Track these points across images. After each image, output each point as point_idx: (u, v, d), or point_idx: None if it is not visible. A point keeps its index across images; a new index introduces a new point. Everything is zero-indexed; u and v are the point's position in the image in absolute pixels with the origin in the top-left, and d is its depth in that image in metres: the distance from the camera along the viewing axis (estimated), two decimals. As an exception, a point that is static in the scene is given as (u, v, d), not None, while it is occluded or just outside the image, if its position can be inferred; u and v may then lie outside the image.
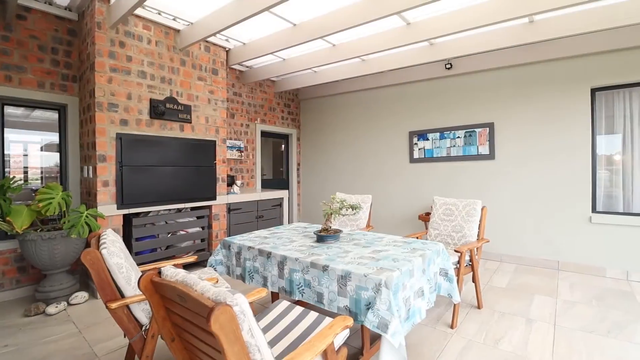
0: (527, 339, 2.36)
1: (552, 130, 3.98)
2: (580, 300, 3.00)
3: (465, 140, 4.59)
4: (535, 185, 4.09)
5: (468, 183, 4.57)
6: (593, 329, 2.49)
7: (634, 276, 3.50)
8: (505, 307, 2.88)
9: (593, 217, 3.71)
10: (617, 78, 3.65)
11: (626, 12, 3.04)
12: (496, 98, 4.38)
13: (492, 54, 4.26)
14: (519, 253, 4.18)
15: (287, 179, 6.52)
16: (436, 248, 2.28)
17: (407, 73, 5.04)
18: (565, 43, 3.80)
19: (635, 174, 3.67)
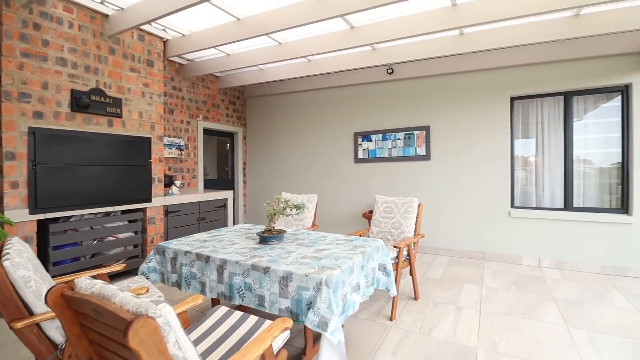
0: (456, 325, 2.57)
1: (479, 134, 4.40)
2: (501, 287, 3.36)
3: (404, 142, 4.86)
4: (465, 184, 4.48)
5: (407, 182, 4.86)
6: (511, 311, 2.80)
7: (545, 263, 4.02)
8: (439, 297, 3.11)
9: (512, 212, 4.19)
10: (532, 89, 4.15)
11: (538, 31, 3.48)
12: (432, 103, 4.71)
13: (429, 62, 4.57)
14: (451, 246, 4.55)
15: (233, 179, 6.31)
16: (376, 245, 2.37)
17: (353, 75, 5.18)
18: (490, 55, 4.22)
19: (545, 173, 4.22)
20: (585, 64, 3.87)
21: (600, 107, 4.00)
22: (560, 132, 4.10)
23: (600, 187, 3.95)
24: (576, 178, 4.03)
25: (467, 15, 3.16)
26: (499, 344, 2.30)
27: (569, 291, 3.23)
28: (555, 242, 3.97)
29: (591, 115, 4.06)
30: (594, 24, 3.27)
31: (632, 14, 3.12)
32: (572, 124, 4.03)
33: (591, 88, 3.90)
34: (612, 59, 3.75)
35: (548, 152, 4.20)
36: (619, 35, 3.55)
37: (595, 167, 4.01)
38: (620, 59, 3.72)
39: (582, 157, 4.07)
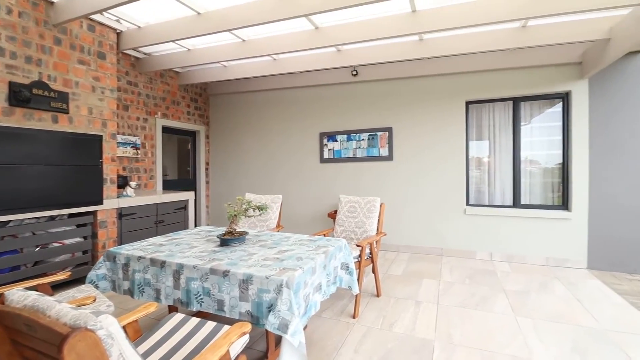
0: (415, 319, 2.67)
1: (437, 135, 4.60)
2: (457, 281, 3.54)
3: (368, 143, 4.97)
4: (424, 183, 4.67)
5: (371, 181, 4.97)
6: (466, 304, 2.96)
7: (496, 257, 4.30)
8: (400, 292, 3.22)
9: (467, 210, 4.44)
10: (485, 94, 4.42)
11: (490, 40, 3.71)
12: (394, 105, 4.86)
13: (391, 65, 4.71)
14: (413, 243, 4.72)
15: (195, 180, 6.08)
16: (339, 244, 2.39)
17: (319, 76, 5.21)
18: (448, 61, 4.43)
19: (496, 173, 4.51)
20: (532, 72, 4.18)
21: (545, 112, 4.35)
22: (510, 134, 4.40)
23: (545, 185, 4.30)
24: (524, 177, 4.35)
25: (425, 22, 3.29)
26: (454, 335, 2.42)
27: (517, 283, 3.48)
28: (505, 237, 4.27)
29: (537, 120, 4.40)
30: (538, 35, 3.54)
31: (571, 28, 3.42)
32: (520, 127, 4.34)
33: (536, 94, 4.23)
34: (554, 68, 4.10)
35: (499, 153, 4.50)
36: (560, 47, 3.89)
37: (541, 167, 4.35)
38: (562, 68, 4.07)
39: (529, 158, 4.40)
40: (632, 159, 3.75)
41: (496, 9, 3.03)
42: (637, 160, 3.74)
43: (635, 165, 3.74)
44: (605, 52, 3.43)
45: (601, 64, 3.54)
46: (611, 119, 3.84)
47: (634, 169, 3.75)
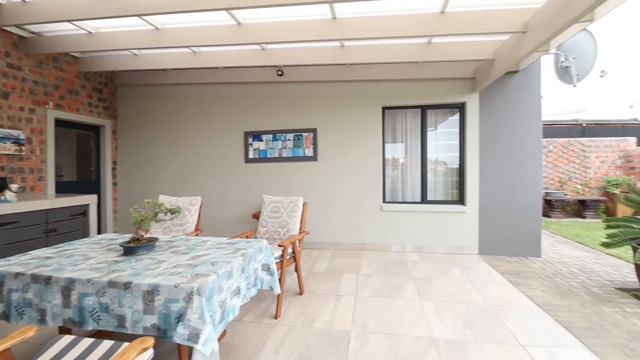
0: (335, 313, 2.79)
1: (358, 138, 4.89)
2: (374, 273, 3.82)
3: (294, 143, 5.03)
4: (346, 182, 4.92)
5: (297, 182, 5.03)
6: (380, 293, 3.21)
7: (408, 248, 4.76)
8: (322, 289, 3.33)
9: (383, 206, 4.81)
10: (398, 101, 4.83)
11: (402, 52, 4.07)
12: (319, 107, 5.00)
13: (316, 68, 4.83)
14: (336, 240, 4.94)
15: (98, 181, 5.37)
16: (259, 245, 2.37)
17: (244, 73, 5.07)
18: (367, 69, 4.73)
19: (409, 173, 4.98)
20: (436, 84, 4.72)
21: (448, 119, 4.95)
22: (418, 138, 4.90)
23: (446, 184, 4.91)
24: (430, 176, 4.90)
25: (345, 29, 3.47)
26: (369, 324, 2.61)
27: (424, 270, 3.91)
28: (415, 230, 4.75)
29: (442, 126, 4.99)
30: (440, 52, 4.02)
31: (466, 48, 3.96)
32: (427, 132, 4.87)
33: (440, 104, 4.80)
34: (453, 81, 4.69)
35: (410, 155, 4.98)
36: (458, 63, 4.47)
37: (444, 168, 4.95)
38: (459, 82, 4.68)
39: (434, 159, 4.97)
40: (509, 161, 4.52)
41: (406, 24, 3.35)
42: (513, 163, 4.51)
43: (511, 167, 4.52)
44: (491, 70, 4.06)
45: (488, 80, 4.17)
46: (495, 127, 4.57)
47: (510, 170, 4.52)
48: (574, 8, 2.44)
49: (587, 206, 7.81)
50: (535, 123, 4.50)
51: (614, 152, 8.26)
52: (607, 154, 8.28)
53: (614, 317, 2.73)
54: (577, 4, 2.41)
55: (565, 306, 2.95)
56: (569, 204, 8.09)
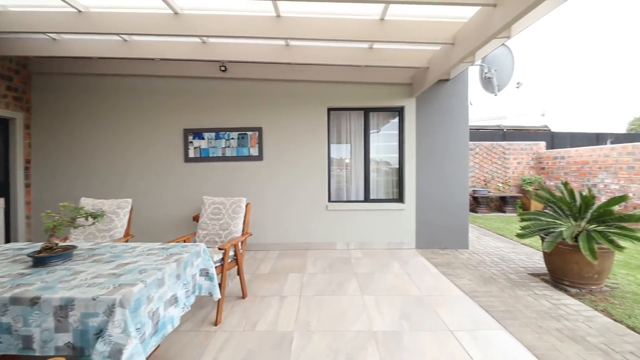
0: (278, 314, 2.77)
1: (303, 138, 4.91)
2: (319, 271, 3.87)
3: (238, 142, 4.87)
4: (293, 182, 4.91)
5: (241, 182, 4.89)
6: (324, 291, 3.26)
7: (352, 245, 4.91)
8: (266, 290, 3.28)
9: (329, 206, 4.90)
10: (342, 103, 4.96)
11: (345, 55, 4.18)
12: (264, 106, 4.91)
13: (262, 66, 4.74)
14: (282, 240, 4.90)
15: (7, 182, 4.64)
16: (196, 249, 2.25)
17: (184, 67, 4.78)
18: (312, 69, 4.76)
19: (353, 173, 5.13)
20: (378, 88, 4.94)
21: (389, 122, 5.21)
22: (362, 139, 5.08)
23: (387, 183, 5.17)
24: (373, 176, 5.11)
25: (289, 28, 3.45)
26: (312, 322, 2.63)
27: (366, 266, 4.07)
28: (359, 227, 4.92)
29: (384, 128, 5.23)
30: (381, 57, 4.21)
31: (404, 55, 4.20)
32: (369, 133, 5.08)
33: (381, 107, 5.03)
34: (393, 86, 4.95)
35: (354, 156, 5.15)
36: (397, 69, 4.72)
37: (385, 168, 5.20)
38: (398, 87, 4.95)
39: (377, 160, 5.20)
40: (442, 162, 4.91)
41: (349, 28, 3.44)
42: (445, 163, 4.91)
43: (443, 167, 4.91)
44: (425, 77, 4.36)
45: (423, 87, 4.48)
46: (429, 131, 4.92)
47: (442, 170, 4.91)
48: (493, 25, 2.73)
49: (507, 202, 8.82)
50: (464, 127, 4.94)
51: (528, 154, 9.45)
52: (523, 156, 9.44)
53: (527, 300, 3.12)
54: (495, 21, 2.69)
55: (487, 292, 3.29)
56: (492, 200, 9.06)
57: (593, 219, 3.36)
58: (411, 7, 3.24)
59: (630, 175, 6.70)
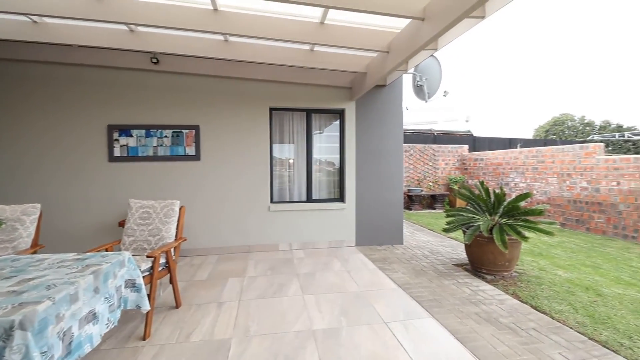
0: (216, 322, 2.65)
1: (245, 137, 4.78)
2: (260, 274, 3.81)
3: (173, 140, 4.56)
4: (233, 183, 4.75)
5: (176, 183, 4.58)
6: (265, 294, 3.21)
7: (294, 246, 4.92)
8: (203, 298, 3.12)
9: (271, 207, 4.85)
10: (285, 103, 4.93)
11: (287, 55, 4.16)
12: (202, 103, 4.66)
13: (199, 60, 4.48)
14: (221, 244, 4.71)
15: None
16: (119, 259, 2.05)
17: (109, 56, 4.30)
18: (254, 68, 4.65)
19: (296, 173, 5.15)
20: (320, 90, 5.02)
21: (332, 123, 5.33)
22: (305, 140, 5.13)
23: (329, 183, 5.29)
24: (315, 177, 5.18)
25: (227, 23, 3.33)
26: (252, 327, 2.57)
27: (308, 266, 4.11)
28: (301, 228, 4.95)
29: (327, 129, 5.34)
30: (322, 60, 4.28)
31: (344, 60, 4.31)
32: (312, 134, 5.14)
33: (323, 109, 5.12)
34: (334, 89, 5.07)
35: (297, 156, 5.17)
36: (339, 73, 4.84)
37: (327, 168, 5.32)
38: (339, 90, 5.10)
39: (320, 160, 5.28)
40: (379, 162, 5.18)
41: (289, 29, 3.44)
42: (382, 164, 5.19)
43: (381, 168, 5.19)
44: (364, 82, 4.55)
45: (362, 91, 4.67)
46: (368, 133, 5.16)
47: (380, 170, 5.19)
48: (421, 37, 2.95)
49: (437, 200, 9.65)
50: (399, 131, 5.28)
51: (454, 156, 10.45)
52: (450, 158, 10.41)
53: (451, 288, 3.44)
54: (423, 33, 2.91)
55: (418, 283, 3.55)
56: (424, 199, 9.83)
57: (504, 213, 3.84)
58: (349, 14, 3.36)
59: (534, 175, 7.82)
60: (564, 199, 7.00)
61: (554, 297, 3.19)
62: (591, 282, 3.64)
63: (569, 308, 2.96)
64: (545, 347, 2.33)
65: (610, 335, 2.49)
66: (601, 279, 3.75)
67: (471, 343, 2.38)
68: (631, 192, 5.69)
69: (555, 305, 3.01)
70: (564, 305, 3.01)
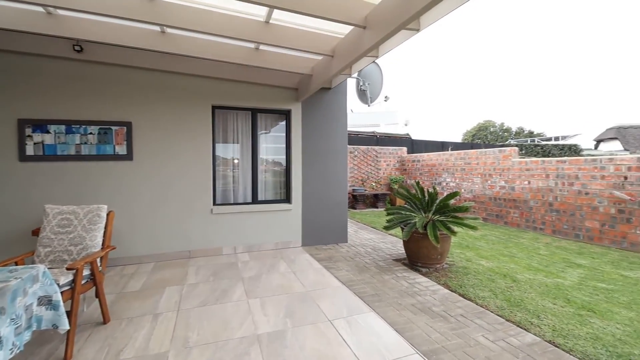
0: (150, 335, 2.46)
1: (185, 136, 4.51)
2: (202, 281, 3.63)
3: (99, 138, 4.11)
4: (172, 185, 4.44)
5: (104, 186, 4.14)
6: (207, 301, 3.07)
7: (239, 249, 4.78)
8: (136, 310, 2.88)
9: (214, 209, 4.64)
10: (229, 101, 4.76)
11: (231, 52, 4.02)
12: (135, 97, 4.28)
13: (132, 52, 4.10)
14: (158, 250, 4.39)
15: None
16: (31, 273, 1.79)
17: (22, 40, 3.73)
18: (195, 63, 4.40)
19: (241, 174, 5.00)
20: (265, 90, 4.95)
21: (279, 124, 5.28)
22: (250, 140, 5.01)
23: (275, 184, 5.24)
24: (261, 177, 5.10)
25: (164, 14, 3.11)
26: (192, 337, 2.44)
27: (253, 269, 4.03)
28: (247, 230, 4.83)
29: (273, 130, 5.27)
30: (268, 60, 4.21)
31: (290, 60, 4.30)
32: (257, 134, 5.05)
33: (269, 109, 5.06)
34: (281, 89, 5.04)
35: (242, 156, 5.03)
36: (285, 73, 4.80)
37: (274, 169, 5.26)
38: (286, 91, 5.08)
39: (266, 160, 5.21)
40: (325, 163, 5.29)
41: (233, 25, 3.33)
42: (327, 165, 5.31)
43: (326, 168, 5.30)
44: (310, 84, 4.60)
45: (308, 93, 4.71)
46: (314, 134, 5.23)
47: (325, 171, 5.30)
48: (363, 44, 3.08)
49: (379, 199, 10.15)
50: (344, 132, 5.44)
51: (395, 157, 11.09)
52: (391, 159, 11.03)
53: (391, 282, 3.64)
54: (365, 41, 3.04)
55: (361, 280, 3.70)
56: (368, 198, 10.28)
57: (437, 211, 4.19)
58: (295, 16, 3.36)
59: (462, 175, 8.65)
60: (486, 197, 7.87)
61: (478, 285, 3.57)
62: (508, 269, 4.14)
63: (490, 294, 3.34)
64: (470, 330, 2.60)
65: (523, 316, 2.86)
66: (516, 266, 4.30)
67: (408, 333, 2.55)
68: (539, 190, 6.61)
69: (479, 292, 3.36)
70: (486, 292, 3.38)
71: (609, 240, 5.44)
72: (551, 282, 3.68)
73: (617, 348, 2.35)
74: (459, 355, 2.26)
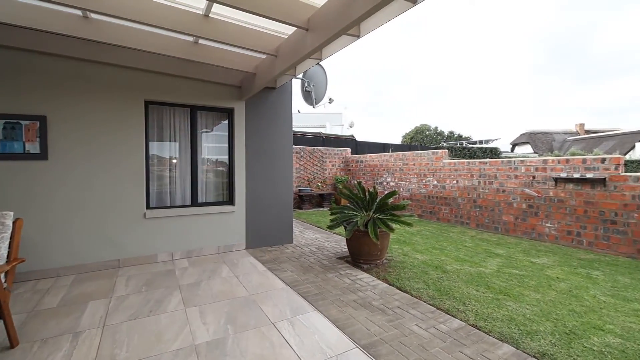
0: (69, 357, 2.19)
1: (113, 132, 4.09)
2: (133, 292, 3.33)
3: (5, 134, 3.54)
4: (94, 187, 3.99)
5: (12, 189, 3.57)
6: (138, 314, 2.83)
7: (177, 255, 4.49)
8: (52, 330, 2.53)
9: (147, 213, 4.29)
10: (165, 97, 4.44)
11: (168, 45, 3.75)
12: (52, 88, 3.77)
13: (47, 36, 3.59)
14: (80, 261, 3.91)
15: None
16: None
17: None
18: (125, 53, 4.00)
19: (179, 175, 4.70)
20: (206, 86, 4.72)
21: (222, 122, 5.07)
22: (189, 139, 4.73)
23: (217, 185, 5.03)
24: (202, 178, 4.85)
25: (88, 0, 2.79)
26: (119, 355, 2.22)
27: (192, 276, 3.82)
28: (185, 234, 4.56)
29: (216, 128, 5.05)
30: (208, 55, 4.02)
31: (233, 57, 4.16)
32: (197, 133, 4.79)
33: (210, 106, 4.83)
34: (223, 87, 4.85)
35: (181, 156, 4.73)
36: (228, 70, 4.61)
37: (215, 169, 5.04)
38: (228, 88, 4.90)
39: (208, 160, 4.97)
40: (269, 163, 5.23)
41: (168, 16, 3.11)
42: (273, 165, 5.25)
43: (271, 168, 5.25)
44: (253, 83, 4.50)
45: (252, 91, 4.61)
46: (258, 134, 5.14)
47: (270, 171, 5.24)
48: (306, 46, 3.11)
49: (325, 198, 10.35)
50: (289, 132, 5.43)
51: (340, 158, 11.40)
52: (336, 160, 11.31)
53: (334, 280, 3.74)
54: (308, 43, 3.07)
55: (305, 280, 3.73)
56: (314, 198, 10.41)
57: (377, 209, 4.40)
58: (237, 12, 3.26)
59: (401, 175, 9.21)
60: (421, 195, 8.49)
61: (414, 278, 3.84)
62: (439, 261, 4.52)
63: (424, 285, 3.61)
64: (406, 321, 2.78)
65: (451, 304, 3.14)
66: (446, 258, 4.71)
67: (349, 328, 2.64)
68: (465, 188, 7.33)
69: (414, 284, 3.62)
70: (420, 284, 3.65)
71: (521, 232, 6.25)
72: (475, 271, 4.11)
73: (527, 326, 2.71)
74: (395, 345, 2.40)
